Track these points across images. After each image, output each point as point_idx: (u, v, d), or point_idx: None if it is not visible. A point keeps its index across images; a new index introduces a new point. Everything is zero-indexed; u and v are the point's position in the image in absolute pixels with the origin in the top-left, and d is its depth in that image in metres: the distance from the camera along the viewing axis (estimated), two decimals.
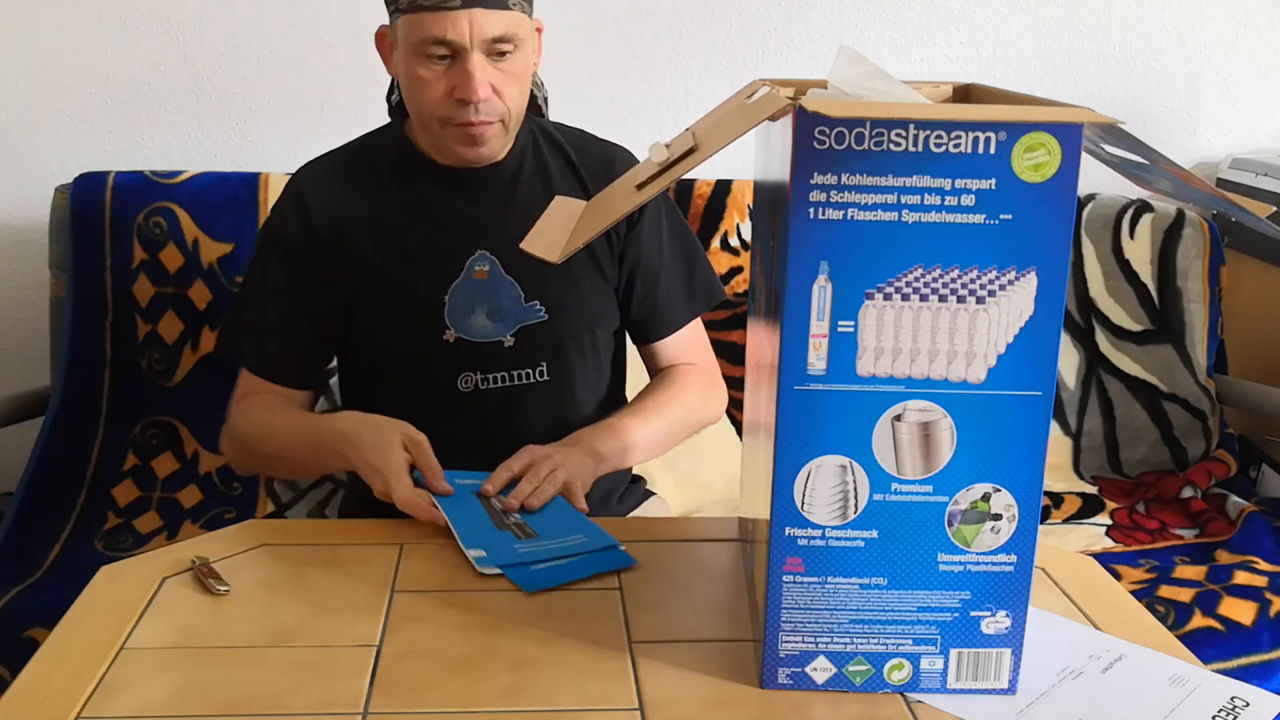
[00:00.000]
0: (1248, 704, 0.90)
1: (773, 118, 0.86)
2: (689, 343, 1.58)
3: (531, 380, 1.43)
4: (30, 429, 1.89)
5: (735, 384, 2.06)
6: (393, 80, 1.48)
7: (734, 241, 2.05)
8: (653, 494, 1.65)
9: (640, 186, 0.95)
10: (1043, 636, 0.96)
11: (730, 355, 2.06)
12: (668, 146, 0.95)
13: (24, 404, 1.92)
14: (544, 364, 1.43)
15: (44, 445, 1.85)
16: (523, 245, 1.02)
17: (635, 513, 1.58)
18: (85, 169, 1.96)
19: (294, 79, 2.12)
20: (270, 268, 1.44)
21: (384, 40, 1.40)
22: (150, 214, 1.92)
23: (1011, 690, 0.91)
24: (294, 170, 1.49)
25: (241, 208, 1.94)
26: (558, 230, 1.01)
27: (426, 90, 1.33)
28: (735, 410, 2.05)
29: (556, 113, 1.60)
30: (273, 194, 1.95)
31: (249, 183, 1.96)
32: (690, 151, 0.91)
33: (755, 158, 1.07)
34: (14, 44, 2.06)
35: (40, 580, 1.66)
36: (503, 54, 1.32)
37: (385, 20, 1.38)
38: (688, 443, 1.99)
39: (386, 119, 1.51)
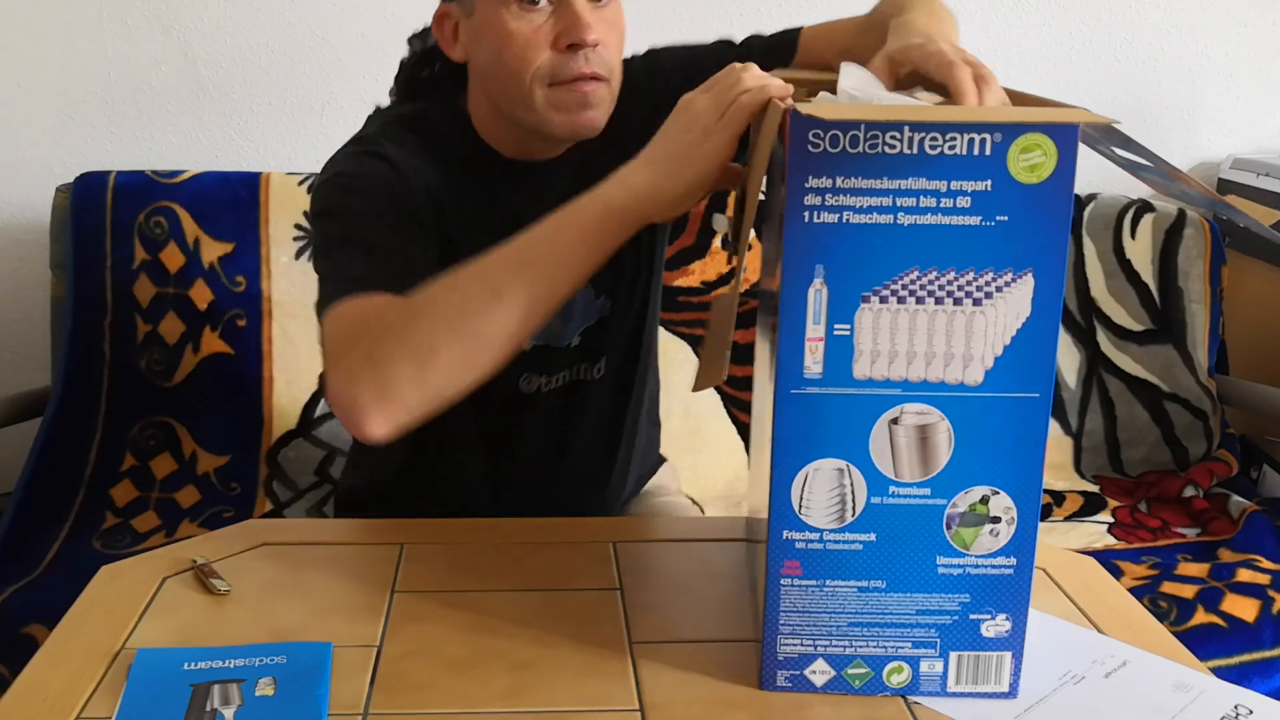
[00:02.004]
0: (1251, 711, 0.90)
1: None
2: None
3: (589, 378, 1.34)
4: (31, 429, 1.89)
5: (734, 383, 2.06)
6: (405, 61, 1.33)
7: None
8: (664, 459, 1.61)
9: (734, 255, 0.96)
10: (1046, 640, 0.96)
11: (731, 355, 2.06)
12: (728, 215, 0.96)
13: (24, 404, 1.92)
14: (603, 360, 1.34)
15: (42, 445, 1.85)
16: (697, 389, 0.99)
17: (650, 483, 1.55)
18: (86, 169, 1.97)
19: (294, 79, 2.12)
20: (384, 217, 1.13)
21: (445, 19, 1.21)
22: (151, 214, 1.92)
23: (1012, 694, 0.91)
24: (295, 170, 1.47)
25: (242, 207, 1.95)
26: (718, 347, 0.99)
27: (526, 46, 1.13)
28: (736, 410, 2.06)
29: None
30: (274, 194, 1.95)
31: (249, 182, 1.96)
32: (744, 195, 0.92)
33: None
34: (14, 44, 2.06)
35: (39, 578, 1.66)
36: None
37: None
38: (690, 439, 2.00)
39: None
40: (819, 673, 0.91)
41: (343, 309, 1.04)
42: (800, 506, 0.87)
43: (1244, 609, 1.61)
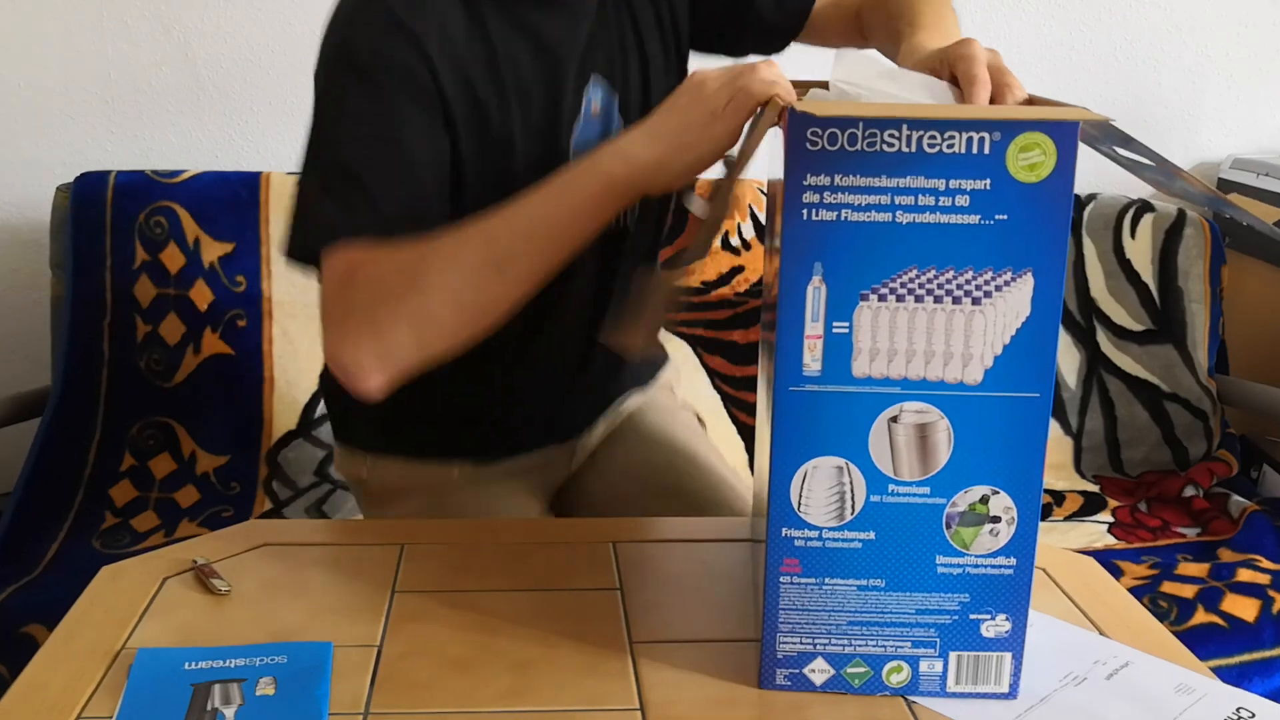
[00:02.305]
0: (1253, 715, 0.89)
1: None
2: None
3: (622, 227, 1.25)
4: (30, 429, 1.89)
5: (735, 383, 2.06)
6: None
7: (734, 241, 2.05)
8: (668, 356, 1.55)
9: (697, 241, 0.96)
10: (1048, 641, 0.96)
11: (730, 354, 2.06)
12: (703, 194, 0.95)
13: (24, 404, 1.93)
14: (636, 205, 1.25)
15: (42, 445, 1.85)
16: (611, 344, 0.96)
17: (659, 380, 1.50)
18: (86, 169, 1.97)
19: (294, 79, 2.12)
20: (396, 127, 1.05)
21: None
22: (151, 213, 1.92)
23: (1012, 694, 0.91)
24: (295, 170, 1.43)
25: (243, 207, 1.95)
26: (646, 318, 0.98)
27: None
28: (736, 410, 2.06)
29: None
30: (274, 194, 1.95)
31: (250, 182, 1.96)
32: (721, 184, 0.92)
33: (768, 160, 1.07)
34: (14, 44, 2.06)
35: (38, 578, 1.66)
36: None
37: None
38: None
39: None
40: (818, 671, 0.91)
41: (343, 259, 1.03)
42: (799, 504, 0.87)
43: (1244, 609, 1.61)
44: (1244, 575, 1.67)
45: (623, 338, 0.96)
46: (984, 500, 0.86)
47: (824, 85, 0.98)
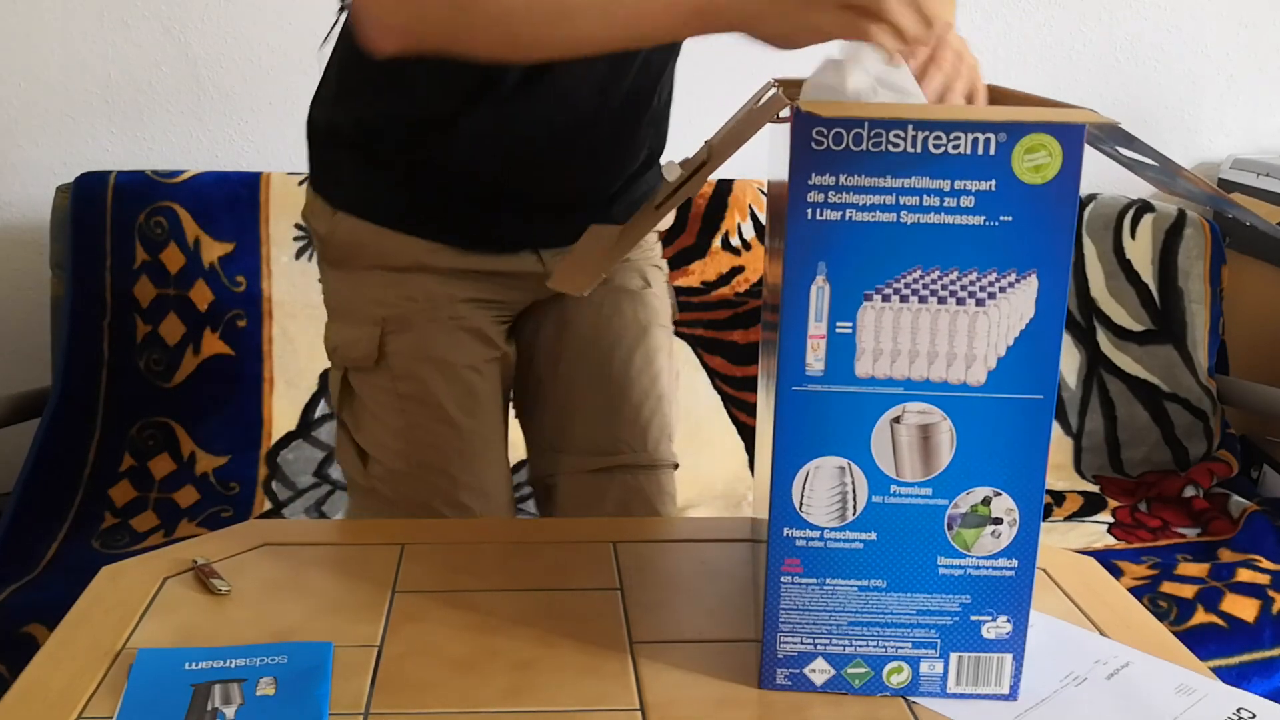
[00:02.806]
0: (1254, 715, 0.89)
1: (778, 119, 0.86)
2: None
3: None
4: (30, 429, 1.89)
5: (734, 383, 2.06)
6: None
7: (734, 241, 2.05)
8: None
9: (659, 206, 0.96)
10: (1048, 642, 0.96)
11: (730, 355, 2.06)
12: (681, 165, 0.94)
13: (24, 404, 1.93)
14: None
15: (41, 445, 1.85)
16: (551, 284, 0.96)
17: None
18: (86, 169, 1.97)
19: (294, 78, 2.12)
20: None
21: None
22: (151, 213, 1.92)
23: (1012, 696, 0.91)
24: (295, 170, 1.44)
25: (243, 207, 1.95)
26: (589, 261, 0.99)
27: None
28: (736, 410, 2.06)
29: None
30: (274, 194, 1.95)
31: (250, 182, 1.96)
32: (703, 165, 0.91)
33: (769, 159, 1.07)
34: (14, 44, 2.06)
35: (38, 578, 1.66)
36: None
37: None
38: (690, 439, 2.00)
39: None
40: (818, 671, 0.91)
41: None
42: (801, 504, 0.87)
43: (1244, 609, 1.61)
44: (1244, 575, 1.67)
45: (564, 280, 0.95)
46: (986, 502, 0.86)
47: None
